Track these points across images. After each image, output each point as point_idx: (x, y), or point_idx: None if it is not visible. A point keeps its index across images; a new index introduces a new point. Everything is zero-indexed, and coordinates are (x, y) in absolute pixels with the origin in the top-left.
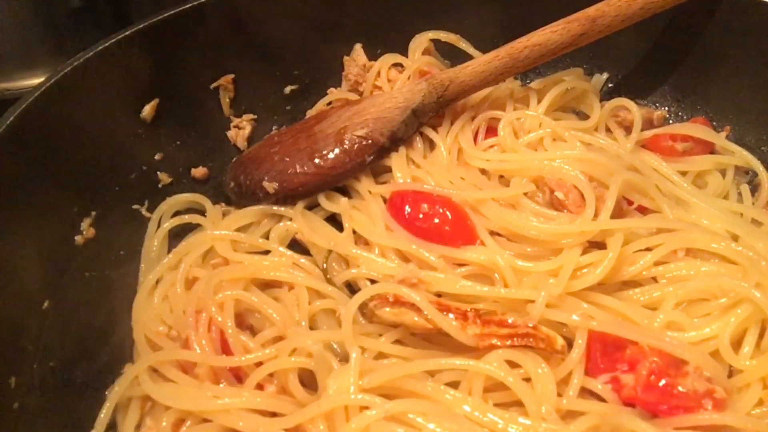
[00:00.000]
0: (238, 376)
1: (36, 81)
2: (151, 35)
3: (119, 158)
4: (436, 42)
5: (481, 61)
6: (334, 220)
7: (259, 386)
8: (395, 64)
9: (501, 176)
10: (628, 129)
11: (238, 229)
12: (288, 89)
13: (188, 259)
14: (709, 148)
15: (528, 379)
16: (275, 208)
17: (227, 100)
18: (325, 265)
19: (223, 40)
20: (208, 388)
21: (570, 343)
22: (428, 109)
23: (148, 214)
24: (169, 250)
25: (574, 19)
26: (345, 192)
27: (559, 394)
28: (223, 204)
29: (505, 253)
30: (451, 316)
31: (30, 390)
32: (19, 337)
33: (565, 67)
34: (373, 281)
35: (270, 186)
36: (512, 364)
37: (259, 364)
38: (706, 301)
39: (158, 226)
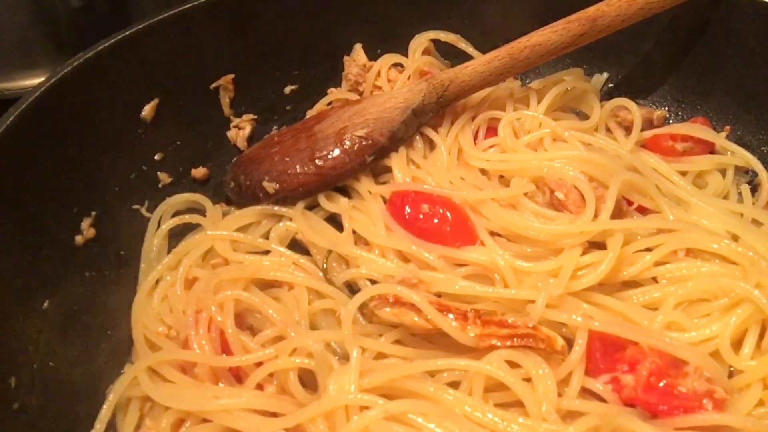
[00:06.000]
0: (238, 376)
1: (36, 81)
2: (151, 35)
3: (119, 158)
4: (436, 42)
5: (481, 61)
6: (334, 220)
7: (259, 386)
8: (395, 64)
9: (501, 176)
10: (628, 129)
11: (238, 229)
12: (288, 89)
13: (188, 259)
14: (709, 148)
15: (528, 380)
16: (275, 208)
17: (227, 100)
18: (325, 265)
19: (223, 40)
20: (208, 389)
21: (570, 344)
22: (428, 109)
23: (148, 214)
24: (169, 250)
25: (574, 19)
26: (345, 192)
27: (559, 395)
28: (223, 204)
29: (505, 254)
30: (450, 316)
31: (30, 390)
32: (19, 337)
33: (565, 67)
34: (373, 281)
35: (270, 186)
36: (512, 365)
37: (259, 364)
38: (706, 301)
39: (158, 226)
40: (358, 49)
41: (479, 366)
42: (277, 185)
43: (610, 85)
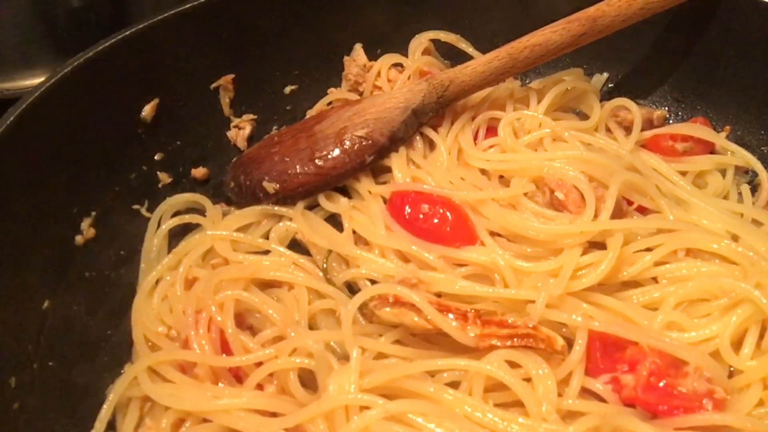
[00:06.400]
0: (238, 376)
1: (36, 81)
2: (151, 35)
3: (119, 158)
4: (436, 42)
5: (481, 61)
6: (334, 220)
7: (259, 386)
8: (395, 64)
9: (501, 176)
10: (628, 129)
11: (238, 229)
12: (288, 89)
13: (188, 259)
14: (709, 148)
15: (528, 380)
16: (275, 208)
17: (227, 100)
18: (325, 265)
19: (223, 40)
20: (208, 389)
21: (570, 344)
22: (428, 109)
23: (148, 214)
24: (169, 250)
25: (574, 19)
26: (345, 192)
27: (559, 395)
28: (223, 204)
29: (505, 254)
30: (451, 316)
31: (30, 390)
32: (19, 337)
33: (565, 67)
34: (373, 281)
35: (270, 186)
36: (512, 365)
37: (259, 364)
38: (706, 301)
39: (158, 226)
40: (358, 49)
41: (479, 366)
42: (277, 185)
43: (610, 85)
